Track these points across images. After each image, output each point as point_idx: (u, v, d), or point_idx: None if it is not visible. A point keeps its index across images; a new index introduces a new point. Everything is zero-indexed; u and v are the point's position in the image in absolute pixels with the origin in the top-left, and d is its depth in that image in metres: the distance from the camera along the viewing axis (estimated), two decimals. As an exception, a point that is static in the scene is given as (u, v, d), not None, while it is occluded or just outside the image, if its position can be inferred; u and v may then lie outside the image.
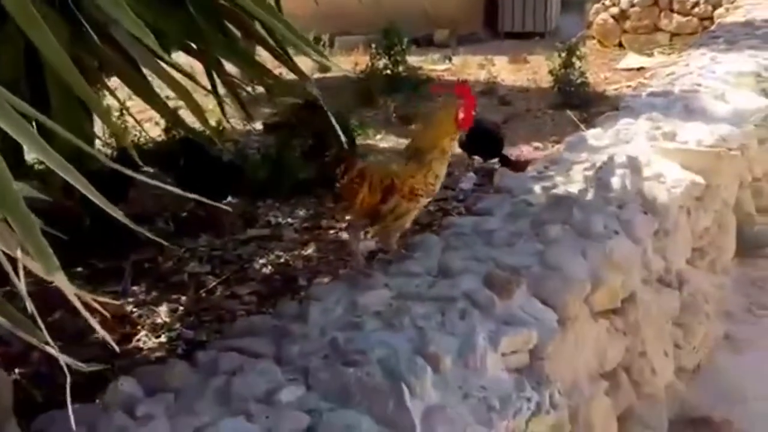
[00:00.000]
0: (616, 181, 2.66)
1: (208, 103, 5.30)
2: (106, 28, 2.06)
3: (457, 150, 4.30)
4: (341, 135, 2.15)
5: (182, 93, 2.47)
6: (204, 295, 3.39)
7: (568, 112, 5.38)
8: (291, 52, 2.89)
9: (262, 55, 3.05)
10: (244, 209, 4.37)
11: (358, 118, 6.29)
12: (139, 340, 3.07)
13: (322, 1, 10.30)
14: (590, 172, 2.80)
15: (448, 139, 2.12)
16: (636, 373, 2.36)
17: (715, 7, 8.37)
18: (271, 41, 2.39)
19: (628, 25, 8.66)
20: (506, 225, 2.41)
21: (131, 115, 4.43)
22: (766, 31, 5.55)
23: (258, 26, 2.38)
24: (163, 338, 3.07)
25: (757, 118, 3.49)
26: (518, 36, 10.45)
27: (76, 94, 1.79)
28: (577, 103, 6.30)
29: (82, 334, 3.15)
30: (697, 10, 8.46)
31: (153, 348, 3.01)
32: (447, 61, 8.69)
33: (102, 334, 1.13)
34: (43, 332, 1.14)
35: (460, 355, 1.70)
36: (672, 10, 8.58)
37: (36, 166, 3.61)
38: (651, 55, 8.21)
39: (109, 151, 5.63)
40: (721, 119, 3.37)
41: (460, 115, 2.10)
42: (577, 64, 6.79)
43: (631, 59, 7.89)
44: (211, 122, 6.08)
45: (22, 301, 1.27)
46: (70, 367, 2.88)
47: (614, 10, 8.74)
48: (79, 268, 3.69)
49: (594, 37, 8.98)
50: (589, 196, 2.58)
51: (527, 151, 4.61)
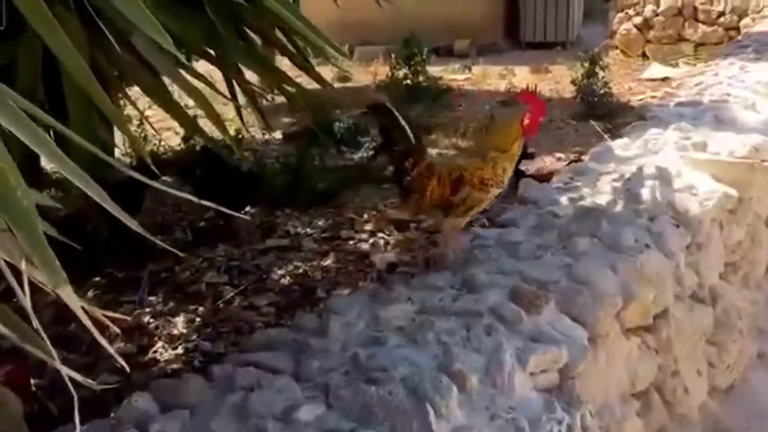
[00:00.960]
0: (646, 193, 2.57)
1: (228, 113, 5.30)
2: (126, 35, 2.02)
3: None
4: (409, 132, 2.18)
5: (201, 101, 2.43)
6: (221, 305, 3.34)
7: (592, 123, 5.28)
8: (313, 60, 2.85)
9: (283, 63, 3.00)
10: (263, 219, 4.32)
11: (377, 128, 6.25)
12: (155, 352, 3.02)
13: (342, 12, 10.33)
14: (619, 183, 2.71)
15: (513, 143, 2.18)
16: (668, 393, 2.27)
17: (740, 17, 8.25)
18: (291, 48, 2.34)
19: (651, 34, 8.56)
20: (532, 237, 2.33)
21: (150, 125, 4.43)
22: (796, 40, 5.43)
23: (278, 33, 2.33)
24: (180, 350, 3.02)
25: (790, 129, 3.39)
26: (539, 46, 10.39)
27: (95, 103, 1.75)
28: (601, 114, 6.21)
29: (99, 345, 3.12)
30: (722, 19, 8.35)
31: (169, 360, 2.96)
32: (467, 71, 8.63)
33: (108, 349, 1.07)
34: (48, 346, 1.08)
35: (487, 373, 1.62)
36: (697, 20, 8.47)
37: (54, 175, 3.60)
38: (676, 65, 8.10)
39: (129, 160, 5.65)
40: (753, 129, 3.27)
41: (526, 121, 2.15)
42: (601, 74, 6.71)
43: (655, 69, 7.78)
44: (231, 131, 6.08)
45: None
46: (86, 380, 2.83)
47: (638, 20, 8.65)
48: (97, 278, 3.67)
49: (617, 47, 8.88)
50: (618, 208, 2.50)
51: (550, 162, 4.52)
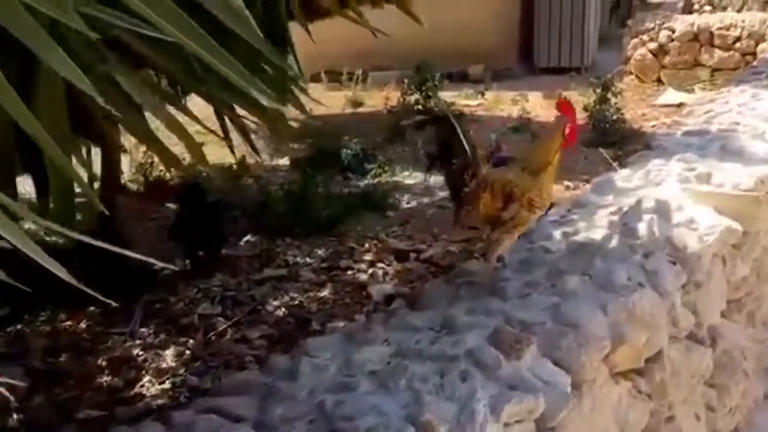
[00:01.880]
0: (642, 228, 2.48)
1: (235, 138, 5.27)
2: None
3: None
4: (468, 145, 2.22)
5: (185, 136, 2.41)
6: (213, 338, 3.28)
7: (601, 150, 5.19)
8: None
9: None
10: (263, 248, 4.27)
11: (385, 154, 6.21)
12: (142, 386, 2.96)
13: (357, 37, 10.33)
14: (616, 217, 2.62)
15: (555, 154, 2.22)
16: (663, 440, 2.16)
17: (758, 42, 8.13)
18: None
19: (667, 60, 8.46)
20: (520, 274, 2.25)
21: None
22: (812, 66, 5.31)
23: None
24: (167, 384, 2.96)
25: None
26: (554, 71, 10.30)
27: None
28: (613, 141, 6.11)
29: (89, 378, 3.07)
30: (739, 44, 8.23)
31: (155, 395, 2.89)
32: (480, 97, 8.57)
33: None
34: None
35: (458, 423, 1.54)
36: (713, 45, 8.35)
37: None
38: (691, 91, 7.98)
39: (135, 187, 5.65)
40: (761, 160, 3.16)
41: (567, 131, 2.20)
42: (613, 100, 6.62)
43: (670, 95, 7.67)
44: (238, 157, 6.05)
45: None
46: (68, 416, 2.76)
47: (652, 45, 8.55)
48: (92, 308, 3.63)
49: (632, 73, 8.78)
50: (613, 244, 2.40)
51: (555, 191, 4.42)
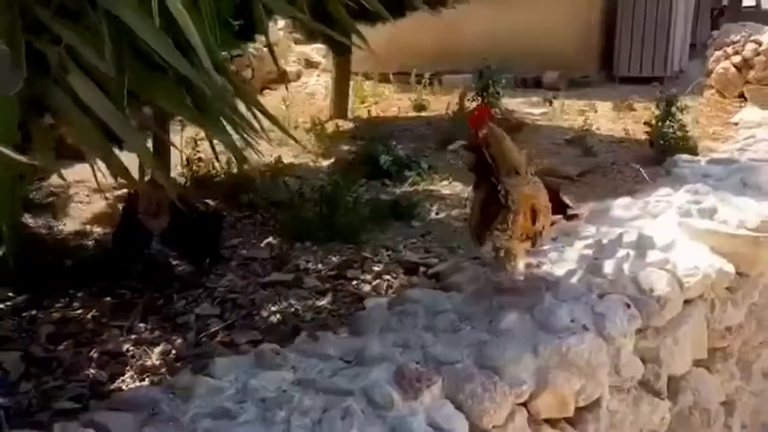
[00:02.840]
0: (610, 265, 2.34)
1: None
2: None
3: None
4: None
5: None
6: (203, 339, 3.34)
7: (639, 168, 4.93)
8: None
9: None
10: (279, 251, 4.32)
11: (431, 162, 6.14)
12: (123, 381, 3.06)
13: (436, 40, 10.29)
14: (590, 251, 2.48)
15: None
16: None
17: None
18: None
19: (751, 75, 7.94)
20: (464, 305, 2.16)
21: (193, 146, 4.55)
22: None
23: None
24: (146, 382, 3.04)
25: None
26: (635, 81, 9.88)
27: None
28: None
29: (77, 369, 3.20)
30: (833, 62, 7.63)
31: (131, 390, 2.97)
32: (546, 105, 8.33)
33: None
34: None
35: (319, 464, 1.50)
36: (805, 61, 7.78)
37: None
38: (775, 109, 7.46)
39: (183, 180, 5.82)
40: (781, 197, 2.92)
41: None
42: (678, 116, 6.28)
43: (749, 113, 7.20)
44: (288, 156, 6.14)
45: None
46: (46, 405, 2.87)
47: (736, 59, 8.05)
48: (108, 298, 3.78)
49: (712, 87, 8.30)
50: (573, 280, 2.27)
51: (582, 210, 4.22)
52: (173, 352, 3.23)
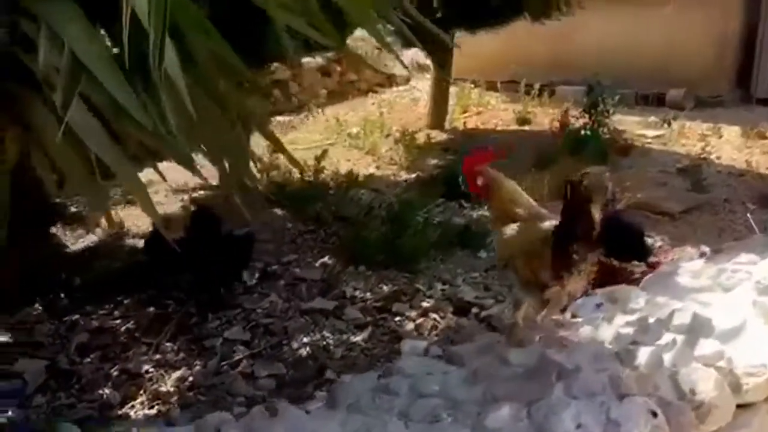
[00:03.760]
0: (647, 353, 1.92)
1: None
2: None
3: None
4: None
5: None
6: (225, 367, 3.17)
7: (750, 212, 4.30)
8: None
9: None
10: (329, 274, 4.09)
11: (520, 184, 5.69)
12: (132, 407, 2.94)
13: (551, 48, 9.71)
14: (629, 330, 2.07)
15: None
16: None
17: None
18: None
19: None
20: (456, 388, 1.84)
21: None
22: None
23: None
24: (153, 410, 2.91)
25: None
26: (775, 103, 8.89)
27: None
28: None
29: (93, 387, 3.11)
30: None
31: (134, 421, 2.85)
32: (664, 126, 7.61)
33: None
34: None
35: None
36: None
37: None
38: None
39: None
40: None
41: None
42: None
43: None
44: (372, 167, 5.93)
45: None
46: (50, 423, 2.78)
47: None
48: (151, 308, 3.72)
49: None
50: (595, 369, 1.88)
51: (674, 255, 3.72)
52: (190, 379, 3.08)
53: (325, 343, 3.34)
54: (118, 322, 3.60)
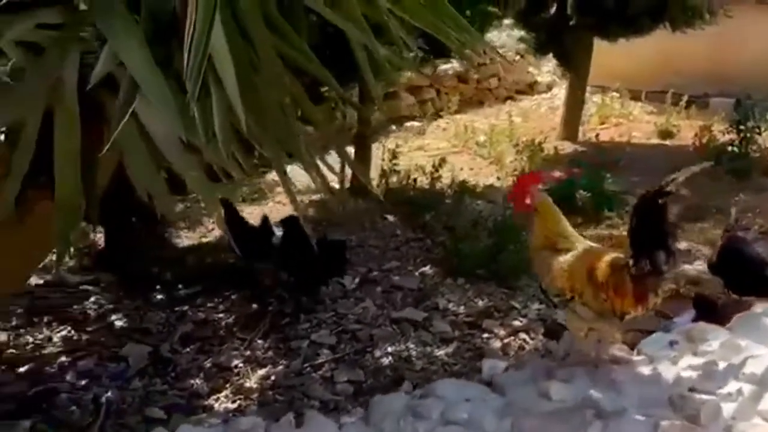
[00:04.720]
0: (703, 402, 1.76)
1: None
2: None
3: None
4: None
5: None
6: (307, 369, 3.26)
7: None
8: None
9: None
10: (428, 283, 4.08)
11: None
12: (217, 399, 3.09)
13: (709, 57, 9.10)
14: (694, 374, 1.91)
15: None
16: None
17: None
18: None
19: None
20: (486, 417, 1.78)
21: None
22: None
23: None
24: (233, 405, 3.04)
25: None
26: None
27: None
28: None
29: (184, 377, 3.31)
30: None
31: (216, 412, 2.98)
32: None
33: None
34: None
35: None
36: None
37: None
38: None
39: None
40: None
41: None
42: None
43: None
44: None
45: None
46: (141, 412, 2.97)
47: None
48: (255, 305, 3.90)
49: None
50: (640, 417, 1.75)
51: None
52: (272, 377, 3.20)
53: (407, 354, 3.35)
54: (221, 315, 3.80)
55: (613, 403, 1.77)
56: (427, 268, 4.30)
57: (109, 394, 3.07)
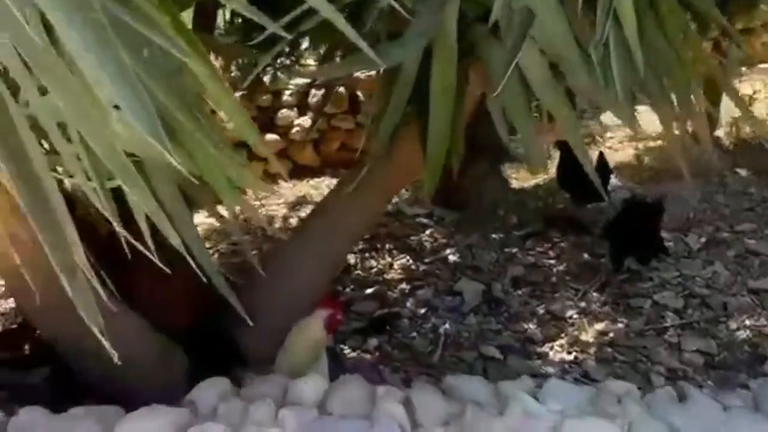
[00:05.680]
0: None
1: None
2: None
3: None
4: None
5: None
6: (649, 331, 3.01)
7: None
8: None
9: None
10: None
11: None
12: (552, 348, 3.00)
13: None
14: None
15: None
16: None
17: None
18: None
19: None
20: None
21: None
22: None
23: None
24: (571, 356, 2.91)
25: None
26: None
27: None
28: None
29: (518, 320, 3.27)
30: None
31: (549, 360, 2.89)
32: None
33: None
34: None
35: None
36: None
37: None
38: None
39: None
40: None
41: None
42: None
43: None
44: None
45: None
46: (476, 344, 3.06)
47: None
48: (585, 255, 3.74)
49: None
50: None
51: None
52: (610, 334, 3.02)
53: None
54: (551, 262, 3.69)
55: None
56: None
57: (447, 326, 3.15)
